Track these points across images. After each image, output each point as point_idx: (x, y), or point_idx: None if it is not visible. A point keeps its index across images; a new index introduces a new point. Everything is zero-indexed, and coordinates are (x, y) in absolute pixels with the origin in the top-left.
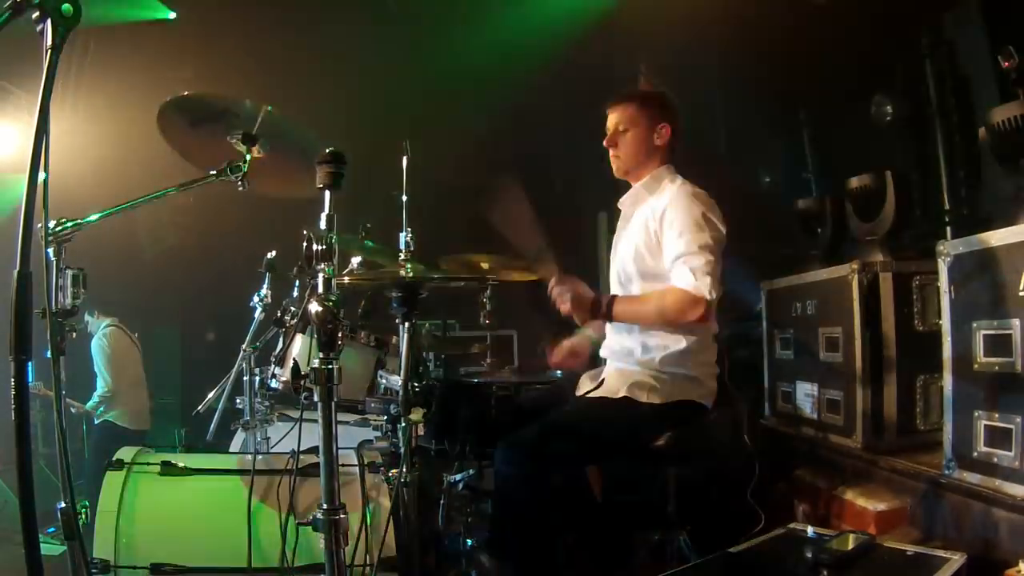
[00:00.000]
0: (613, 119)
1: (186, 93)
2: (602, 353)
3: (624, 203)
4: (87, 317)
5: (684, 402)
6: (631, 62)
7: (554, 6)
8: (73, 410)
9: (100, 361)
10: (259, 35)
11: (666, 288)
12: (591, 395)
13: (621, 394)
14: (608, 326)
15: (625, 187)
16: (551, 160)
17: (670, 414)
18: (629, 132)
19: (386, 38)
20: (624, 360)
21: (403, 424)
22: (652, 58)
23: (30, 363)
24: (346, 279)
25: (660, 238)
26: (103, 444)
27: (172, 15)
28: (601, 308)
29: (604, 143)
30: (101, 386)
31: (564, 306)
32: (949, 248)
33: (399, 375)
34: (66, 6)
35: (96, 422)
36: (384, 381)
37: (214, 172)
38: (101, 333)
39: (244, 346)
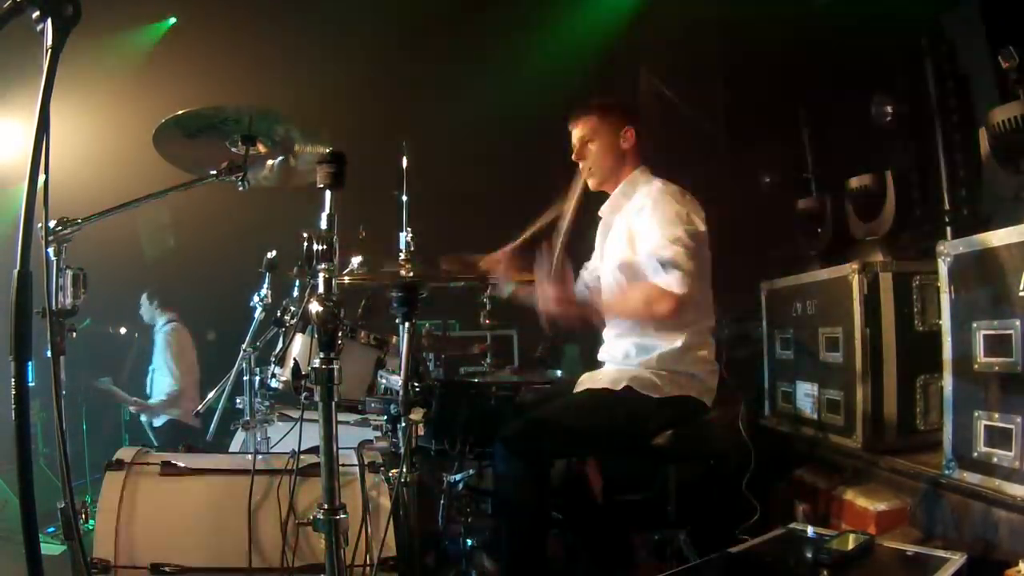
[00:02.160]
0: (577, 133)
1: (180, 112)
2: (600, 356)
3: (604, 211)
4: (144, 304)
5: (684, 398)
6: (632, 61)
7: (554, 6)
8: (132, 408)
9: (167, 358)
10: (259, 35)
11: (639, 284)
12: (592, 387)
13: (623, 385)
14: (605, 332)
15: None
16: (551, 159)
17: (670, 409)
18: (595, 143)
19: (387, 37)
20: (622, 362)
21: (403, 424)
22: (653, 58)
23: (30, 363)
24: (346, 279)
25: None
26: (169, 444)
27: (173, 20)
28: (569, 312)
29: (573, 158)
30: (171, 383)
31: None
32: (949, 248)
33: (399, 375)
34: (67, 6)
35: (158, 423)
36: (384, 381)
37: (214, 172)
38: (167, 329)
39: (244, 346)
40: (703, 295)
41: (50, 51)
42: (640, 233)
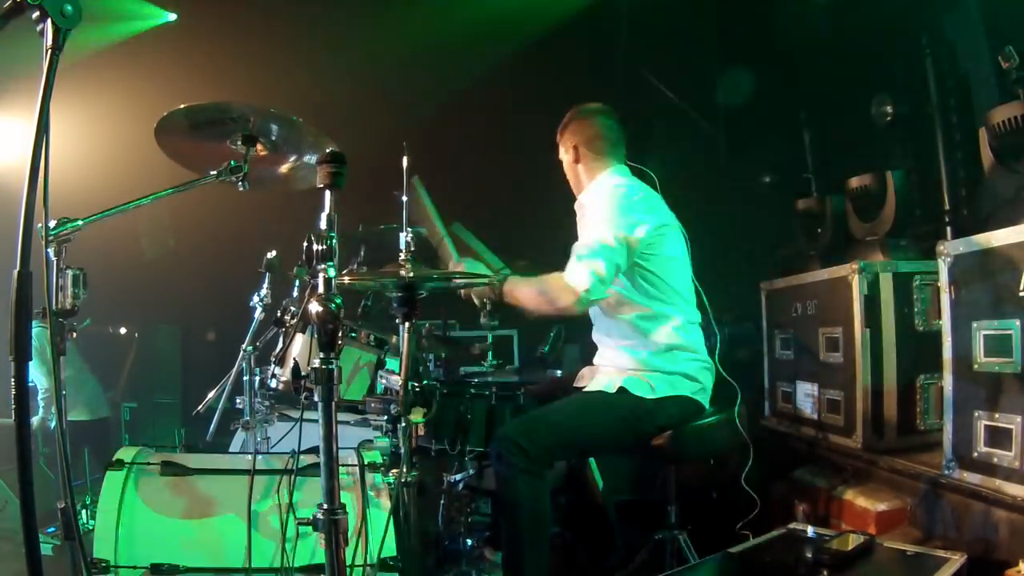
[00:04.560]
0: None
1: (182, 105)
2: (595, 360)
3: (578, 218)
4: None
5: (679, 398)
6: (633, 62)
7: (557, 6)
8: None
9: (33, 365)
10: (259, 34)
11: (549, 276)
12: (587, 389)
13: (617, 387)
14: (595, 333)
15: None
16: (552, 157)
17: (666, 409)
18: (563, 163)
19: (386, 37)
20: (616, 363)
21: (403, 424)
22: (654, 58)
23: (30, 363)
24: (346, 279)
25: None
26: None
27: (172, 16)
28: (494, 296)
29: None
30: (40, 389)
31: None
32: (949, 248)
33: (399, 375)
34: (67, 6)
35: (51, 428)
36: (384, 381)
37: (214, 173)
38: (37, 332)
39: (244, 346)
40: (683, 292)
41: (50, 51)
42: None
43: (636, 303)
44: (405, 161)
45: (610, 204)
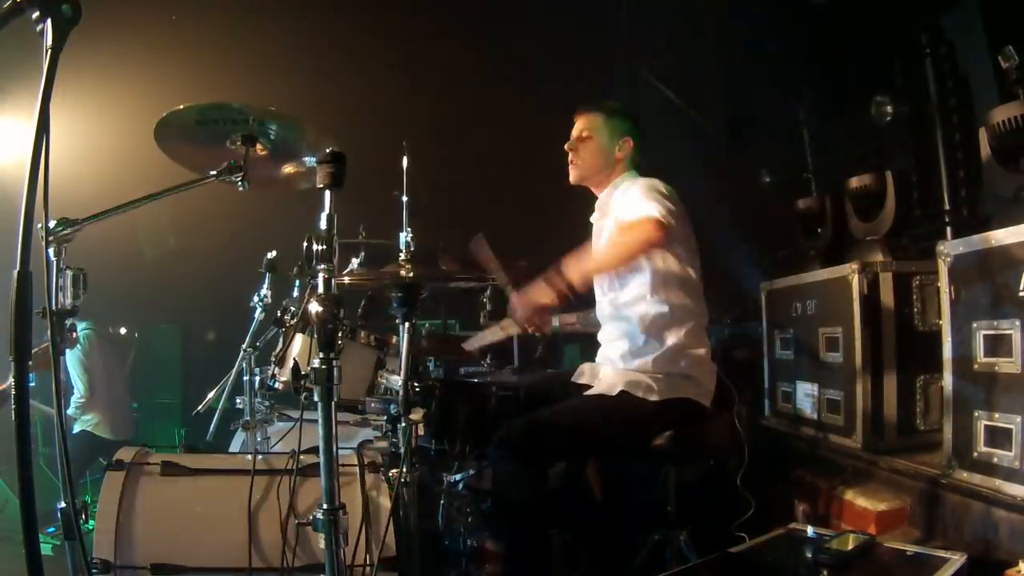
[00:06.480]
0: (578, 126)
1: (181, 106)
2: (598, 359)
3: (594, 217)
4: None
5: (682, 400)
6: (632, 61)
7: (555, 5)
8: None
9: (73, 366)
10: (259, 34)
11: (621, 225)
12: (588, 392)
13: (618, 390)
14: (600, 335)
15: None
16: (551, 158)
17: (668, 412)
18: (591, 140)
19: (386, 37)
20: (620, 362)
21: (403, 424)
22: (653, 57)
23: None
24: (346, 279)
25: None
26: (80, 455)
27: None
28: (560, 286)
29: (565, 147)
30: (76, 392)
31: (529, 319)
32: (949, 248)
33: (399, 375)
34: (66, 6)
35: (73, 432)
36: (384, 381)
37: (214, 173)
38: (81, 336)
39: (244, 346)
40: (695, 293)
41: (50, 51)
42: (620, 216)
43: (657, 300)
44: (405, 161)
45: (651, 186)
